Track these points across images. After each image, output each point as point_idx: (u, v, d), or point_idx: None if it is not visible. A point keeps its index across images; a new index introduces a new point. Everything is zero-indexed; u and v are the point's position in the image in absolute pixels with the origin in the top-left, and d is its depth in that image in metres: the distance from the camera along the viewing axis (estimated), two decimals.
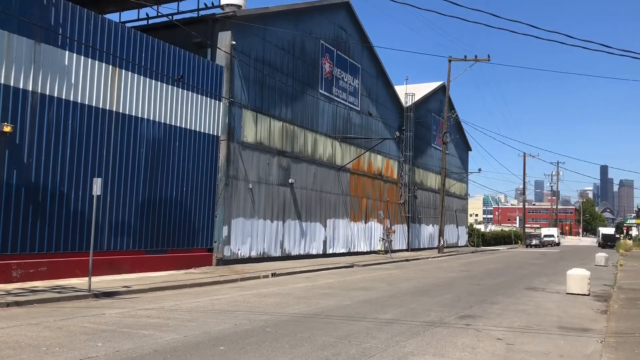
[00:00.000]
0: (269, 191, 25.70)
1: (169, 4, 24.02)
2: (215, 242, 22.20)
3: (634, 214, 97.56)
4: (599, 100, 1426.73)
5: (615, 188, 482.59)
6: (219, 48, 22.88)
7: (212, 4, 24.81)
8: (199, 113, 21.34)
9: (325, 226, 30.76)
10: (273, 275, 20.01)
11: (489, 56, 41.27)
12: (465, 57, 41.82)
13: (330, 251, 31.18)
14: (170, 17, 24.18)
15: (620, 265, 32.49)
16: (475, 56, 41.64)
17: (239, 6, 25.11)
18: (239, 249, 23.57)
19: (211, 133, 21.94)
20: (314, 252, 29.52)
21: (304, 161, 28.73)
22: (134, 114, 18.56)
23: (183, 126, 20.54)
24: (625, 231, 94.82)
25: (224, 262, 22.50)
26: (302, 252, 28.33)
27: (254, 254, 24.56)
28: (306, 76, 29.12)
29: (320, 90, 30.41)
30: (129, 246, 18.30)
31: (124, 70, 18.18)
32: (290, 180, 27.24)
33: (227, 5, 25.00)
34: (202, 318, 11.11)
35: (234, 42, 23.28)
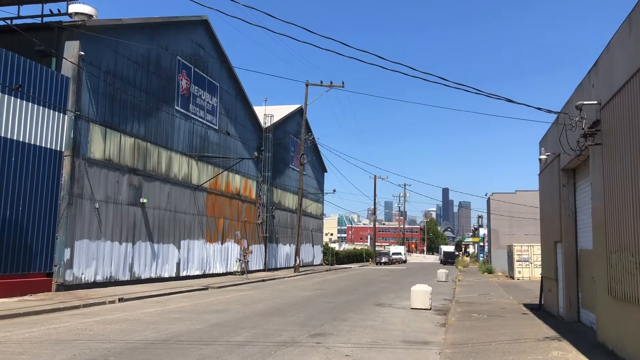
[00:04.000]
0: (117, 211, 24.35)
1: (6, 7, 22.08)
2: (56, 266, 20.50)
3: (471, 233, 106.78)
4: (441, 128, 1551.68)
5: (455, 209, 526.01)
6: (65, 58, 21.41)
7: (59, 11, 23.24)
8: (40, 126, 19.69)
9: (179, 248, 29.79)
10: (120, 300, 18.88)
11: (343, 83, 43.07)
12: (322, 82, 43.26)
13: (184, 273, 30.21)
14: (9, 21, 22.25)
15: (458, 281, 35.31)
16: (331, 82, 43.24)
17: (90, 15, 23.73)
18: (82, 273, 21.97)
19: (54, 148, 20.35)
20: (167, 275, 28.42)
21: (157, 180, 27.68)
22: None
23: (21, 140, 18.81)
24: (463, 249, 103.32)
25: (65, 287, 20.82)
26: (153, 276, 27.12)
27: (99, 278, 23.03)
28: (161, 92, 28.24)
29: (176, 107, 29.63)
30: None
31: None
32: (141, 200, 26.05)
33: (76, 13, 23.51)
34: (35, 350, 10.12)
35: (82, 53, 21.93)
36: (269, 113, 43.52)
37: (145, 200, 26.23)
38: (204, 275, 32.36)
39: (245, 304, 19.01)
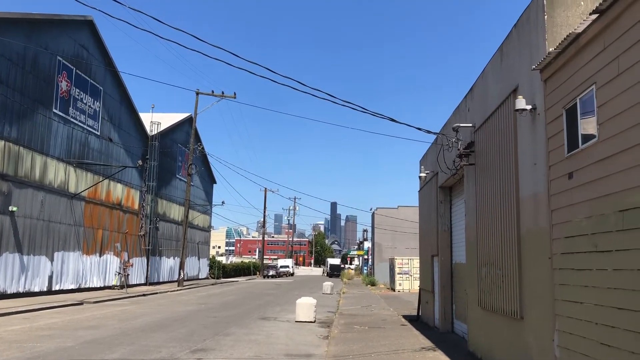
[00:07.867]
0: None
1: None
2: None
3: (357, 246, 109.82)
4: (330, 143, 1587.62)
5: (343, 223, 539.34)
6: None
7: None
8: None
9: (52, 260, 27.81)
10: None
11: (235, 93, 42.74)
12: (213, 92, 42.60)
13: (57, 287, 28.22)
14: None
15: (343, 293, 36.04)
16: (222, 92, 42.74)
17: None
18: None
19: None
20: (37, 290, 26.39)
21: (30, 187, 25.72)
22: None
23: None
24: (349, 261, 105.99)
25: None
26: (21, 290, 25.07)
27: None
28: (38, 93, 26.38)
29: (54, 110, 27.80)
30: None
31: None
32: (10, 208, 24.06)
33: None
34: None
35: None
36: (156, 120, 42.06)
37: (15, 209, 24.26)
38: (79, 290, 30.44)
39: (123, 320, 18.09)
